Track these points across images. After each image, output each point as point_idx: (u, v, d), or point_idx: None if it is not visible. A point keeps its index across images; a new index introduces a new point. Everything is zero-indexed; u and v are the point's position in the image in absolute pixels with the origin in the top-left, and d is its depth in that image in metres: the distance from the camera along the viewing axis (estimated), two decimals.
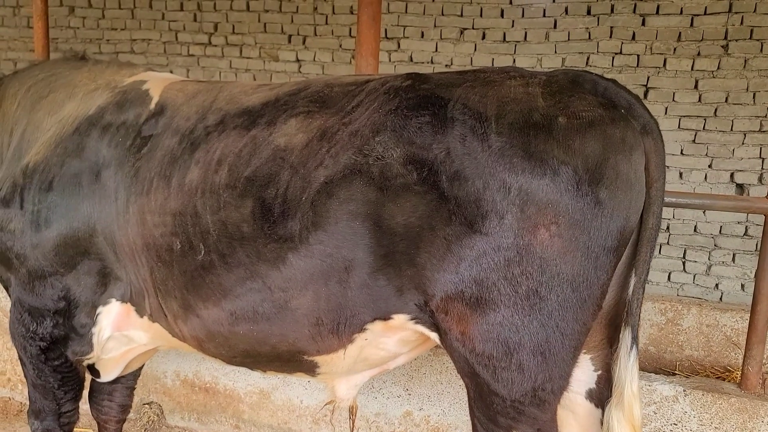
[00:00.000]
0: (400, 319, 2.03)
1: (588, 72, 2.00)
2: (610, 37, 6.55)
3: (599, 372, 2.13)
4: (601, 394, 2.14)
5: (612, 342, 2.09)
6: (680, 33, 6.36)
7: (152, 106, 2.48)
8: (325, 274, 2.02)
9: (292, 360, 2.29)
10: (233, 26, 7.75)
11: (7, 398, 4.17)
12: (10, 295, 2.62)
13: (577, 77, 1.95)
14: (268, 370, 2.47)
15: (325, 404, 2.73)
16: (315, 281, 2.04)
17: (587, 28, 6.61)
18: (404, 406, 3.56)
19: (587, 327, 1.87)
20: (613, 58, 6.58)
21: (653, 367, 4.16)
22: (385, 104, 2.02)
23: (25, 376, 2.71)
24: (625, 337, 1.94)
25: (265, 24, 7.63)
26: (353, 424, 2.86)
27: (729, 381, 3.37)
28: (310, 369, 2.32)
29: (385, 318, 2.05)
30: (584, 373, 2.13)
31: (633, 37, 6.49)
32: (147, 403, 3.99)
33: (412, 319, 2.02)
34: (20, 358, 2.67)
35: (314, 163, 2.03)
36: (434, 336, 2.05)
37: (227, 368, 3.80)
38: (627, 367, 1.91)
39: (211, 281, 2.20)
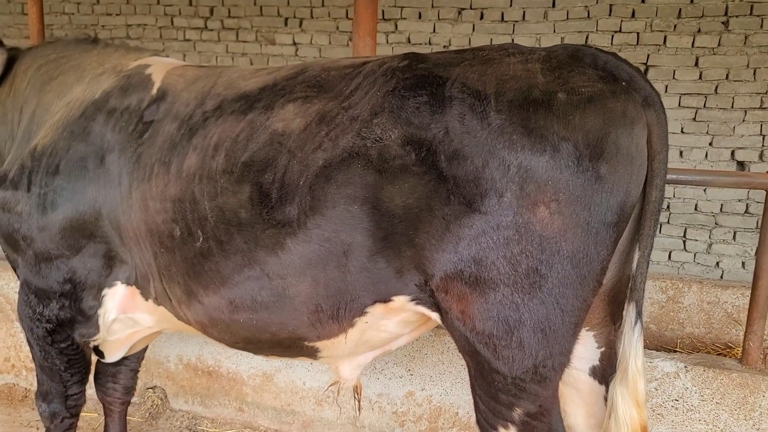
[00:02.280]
0: (400, 300, 2.03)
1: (587, 46, 1.97)
2: (610, 15, 6.50)
3: (602, 349, 2.14)
4: (605, 371, 2.14)
5: (615, 319, 2.09)
6: (680, 10, 6.31)
7: (154, 91, 2.48)
8: (323, 259, 2.01)
9: (293, 346, 2.30)
10: (229, 10, 7.69)
11: (12, 384, 4.19)
12: (18, 276, 2.63)
13: (577, 52, 1.93)
14: (270, 355, 2.48)
15: (330, 385, 2.74)
16: (313, 267, 2.04)
17: (586, 6, 6.55)
18: (406, 387, 3.58)
19: (588, 303, 1.87)
20: (612, 36, 6.53)
21: (654, 344, 4.17)
22: (382, 86, 2.01)
23: (33, 358, 2.73)
24: (629, 312, 1.93)
25: (261, 7, 7.57)
26: (359, 403, 2.88)
27: (730, 357, 3.38)
28: (312, 354, 2.33)
29: (386, 300, 2.05)
30: (587, 351, 2.13)
31: (633, 15, 6.44)
32: (150, 388, 4.01)
33: (412, 300, 2.02)
34: (28, 340, 2.69)
35: (312, 146, 2.02)
36: (435, 316, 2.05)
37: (230, 351, 3.82)
38: (631, 342, 1.91)
39: (210, 268, 2.20)
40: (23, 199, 2.45)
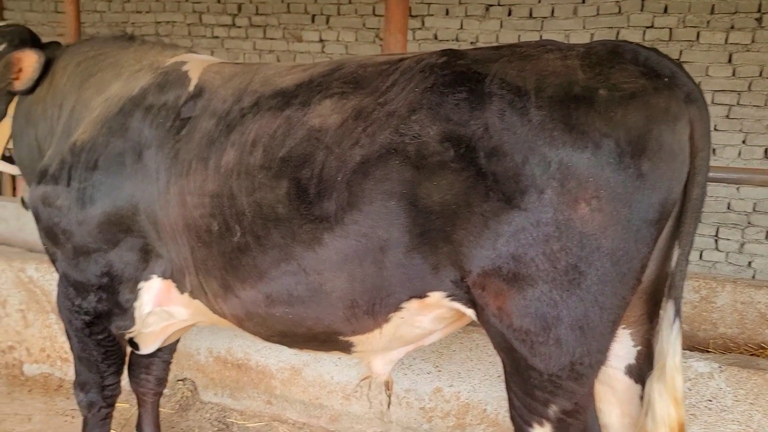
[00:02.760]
0: (435, 296, 2.03)
1: (628, 42, 1.94)
2: (641, 10, 6.42)
3: (639, 347, 2.11)
4: (641, 370, 2.12)
5: (652, 317, 2.06)
6: (713, 5, 6.21)
7: (191, 88, 2.50)
8: (360, 254, 2.02)
9: (328, 341, 2.31)
10: (257, 7, 7.75)
11: (48, 374, 4.28)
12: (56, 269, 2.68)
13: (617, 48, 1.91)
14: (305, 349, 2.50)
15: (361, 379, 2.75)
16: (350, 262, 2.04)
17: (617, 1, 6.48)
18: (434, 383, 3.58)
19: (626, 301, 1.85)
20: (644, 32, 6.45)
21: (687, 344, 4.10)
22: (420, 82, 2.00)
23: (71, 349, 2.78)
24: (668, 309, 1.90)
25: (288, 4, 7.62)
26: (390, 398, 2.89)
27: (763, 358, 3.32)
28: (346, 348, 2.35)
29: (421, 296, 2.05)
30: (624, 349, 2.11)
31: (665, 10, 6.35)
32: (181, 380, 4.07)
33: (448, 296, 2.02)
34: (66, 332, 2.74)
35: (349, 142, 2.03)
36: (470, 312, 2.04)
37: (259, 345, 3.86)
38: (669, 339, 1.88)
39: (247, 263, 2.22)
40: (63, 194, 2.49)
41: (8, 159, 3.25)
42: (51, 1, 8.32)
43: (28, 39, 3.16)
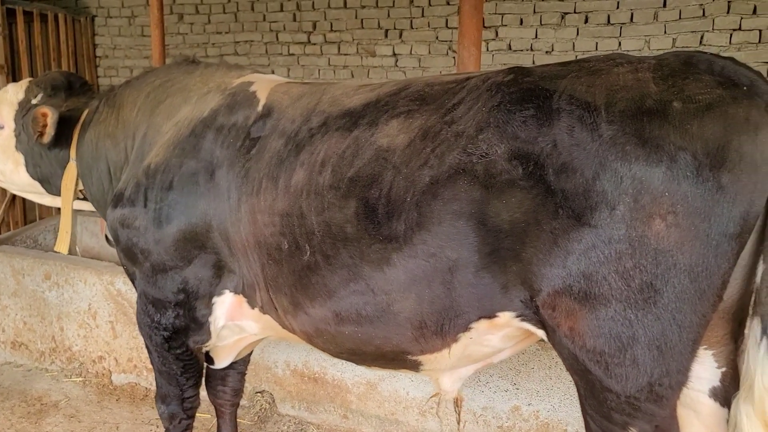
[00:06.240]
0: (505, 316, 2.00)
1: (701, 52, 1.88)
2: (728, 12, 6.11)
3: (723, 369, 2.00)
4: (727, 393, 2.01)
5: (736, 337, 1.96)
6: None
7: (260, 108, 2.56)
8: (428, 275, 2.02)
9: (396, 359, 2.32)
10: (331, 24, 7.89)
11: (134, 383, 4.46)
12: (136, 288, 2.79)
13: (690, 58, 1.85)
14: (373, 366, 2.51)
15: (431, 397, 2.74)
16: (418, 283, 2.04)
17: (701, 4, 6.20)
18: (512, 401, 3.50)
19: (707, 319, 1.77)
20: (730, 35, 6.13)
21: None
22: (487, 101, 1.99)
23: (152, 363, 2.89)
24: (754, 327, 1.80)
25: (362, 20, 7.71)
26: (459, 416, 2.86)
27: None
28: (414, 367, 2.34)
29: (491, 316, 2.02)
30: (707, 371, 2.01)
31: (754, 11, 6.02)
32: (259, 392, 4.15)
33: (517, 317, 1.99)
34: (147, 347, 2.85)
35: (418, 163, 2.03)
36: (541, 333, 2.00)
37: (334, 359, 3.88)
38: (756, 359, 1.77)
39: (316, 282, 2.24)
40: (141, 215, 2.59)
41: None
42: (138, 26, 8.75)
43: (62, 86, 3.37)
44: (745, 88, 1.74)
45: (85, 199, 3.39)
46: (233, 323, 2.67)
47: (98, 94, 3.39)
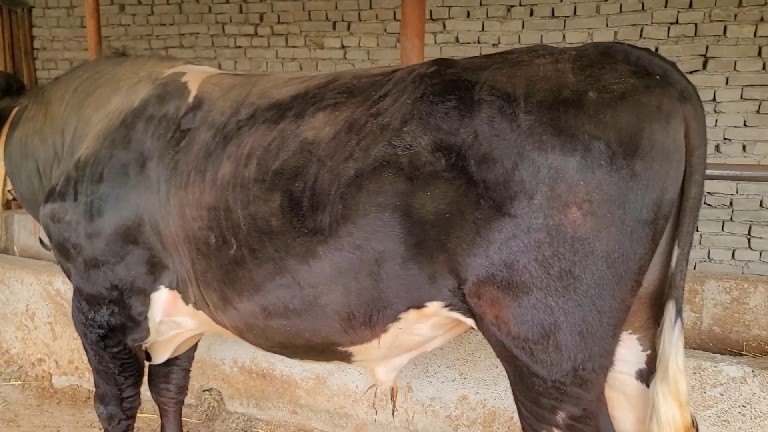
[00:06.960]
0: (434, 306, 2.02)
1: (619, 43, 1.92)
2: (665, 6, 6.30)
3: (648, 352, 2.07)
4: (652, 374, 2.08)
5: (658, 320, 2.03)
6: None
7: (190, 99, 2.52)
8: (355, 267, 2.02)
9: (326, 351, 2.32)
10: (278, 16, 7.80)
11: (76, 386, 4.34)
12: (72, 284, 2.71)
13: (608, 49, 1.88)
14: (305, 359, 2.50)
15: (368, 388, 2.76)
16: (345, 275, 2.04)
17: None
18: (459, 390, 3.54)
19: (627, 303, 1.82)
20: (668, 28, 6.32)
21: (718, 348, 4.01)
22: (412, 93, 2.00)
23: (89, 362, 2.81)
24: (669, 310, 1.87)
25: (309, 12, 7.66)
26: (394, 405, 2.89)
27: None
28: (346, 358, 2.35)
29: (419, 306, 2.04)
30: (632, 354, 2.07)
31: (690, 5, 6.22)
32: (207, 390, 4.09)
33: (446, 306, 2.01)
34: (83, 345, 2.77)
35: (343, 156, 2.03)
36: (470, 321, 2.03)
37: None
38: (671, 341, 1.85)
39: (243, 276, 2.23)
40: (71, 209, 2.52)
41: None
42: (77, 17, 8.48)
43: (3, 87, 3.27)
44: (658, 77, 1.78)
45: (14, 199, 3.29)
46: (169, 319, 2.63)
47: (28, 92, 3.27)
